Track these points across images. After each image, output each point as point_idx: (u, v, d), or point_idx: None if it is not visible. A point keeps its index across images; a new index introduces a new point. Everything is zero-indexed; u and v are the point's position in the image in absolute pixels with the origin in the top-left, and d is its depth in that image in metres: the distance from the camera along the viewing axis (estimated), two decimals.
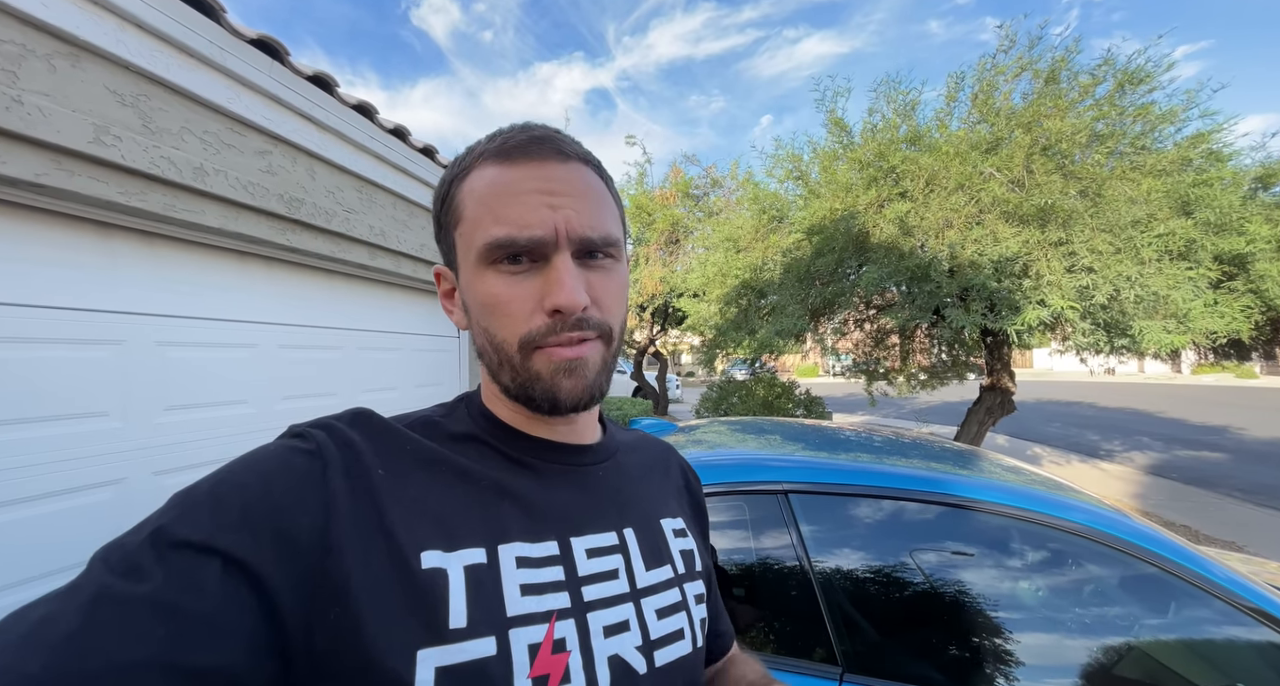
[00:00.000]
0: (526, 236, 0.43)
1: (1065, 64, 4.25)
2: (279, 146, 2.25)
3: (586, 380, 0.45)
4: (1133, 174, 3.69)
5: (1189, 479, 6.81)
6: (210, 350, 2.08)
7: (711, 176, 9.86)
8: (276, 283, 2.39)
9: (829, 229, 4.40)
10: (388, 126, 2.78)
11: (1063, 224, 3.49)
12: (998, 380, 5.29)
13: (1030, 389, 19.88)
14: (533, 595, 0.41)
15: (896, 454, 1.57)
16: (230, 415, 2.13)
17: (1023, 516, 1.24)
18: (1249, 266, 3.78)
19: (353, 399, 2.75)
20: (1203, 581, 1.18)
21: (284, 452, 0.40)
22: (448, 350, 3.68)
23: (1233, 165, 4.29)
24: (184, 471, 1.96)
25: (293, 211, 2.27)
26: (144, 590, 0.31)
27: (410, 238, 3.05)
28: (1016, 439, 9.68)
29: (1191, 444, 9.15)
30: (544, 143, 0.46)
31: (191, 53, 1.86)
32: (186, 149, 1.88)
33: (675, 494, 0.62)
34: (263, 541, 0.35)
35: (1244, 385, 21.74)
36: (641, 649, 0.45)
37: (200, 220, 1.93)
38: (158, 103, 1.80)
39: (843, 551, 1.26)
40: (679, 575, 0.52)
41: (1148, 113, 4.08)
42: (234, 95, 2.03)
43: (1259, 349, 5.03)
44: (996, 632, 1.20)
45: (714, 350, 6.53)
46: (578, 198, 0.45)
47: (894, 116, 4.53)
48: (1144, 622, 1.22)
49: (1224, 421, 11.52)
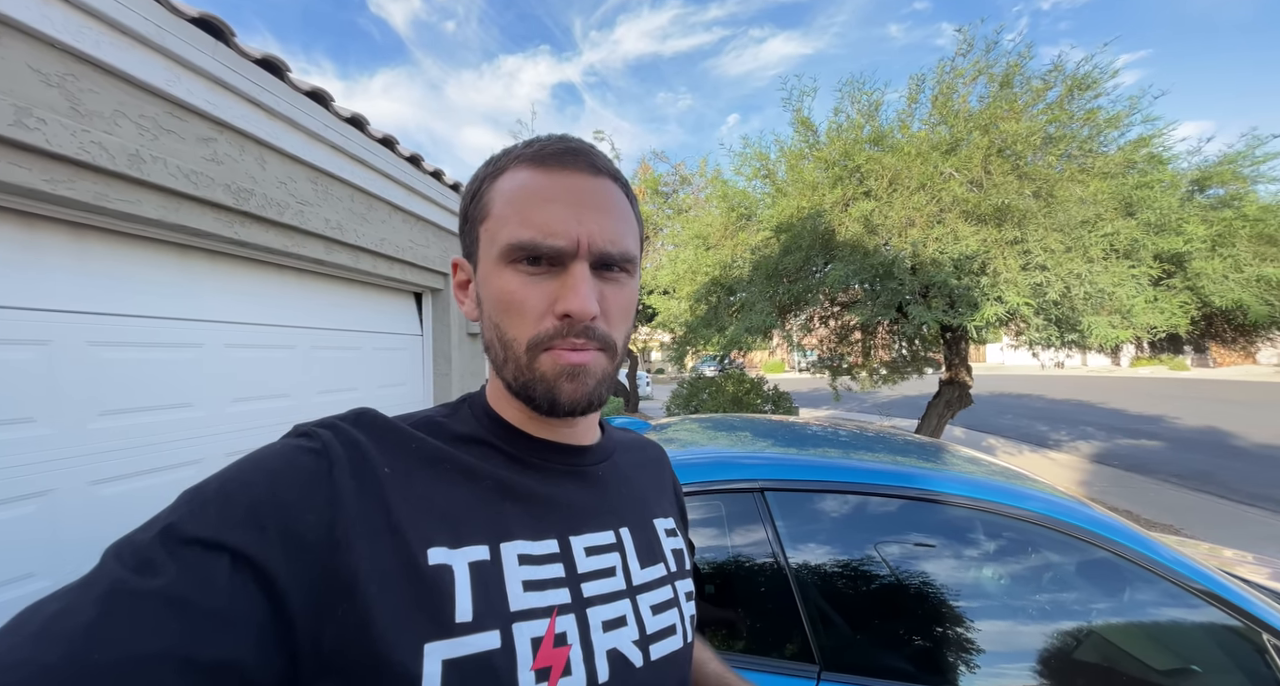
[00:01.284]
0: (549, 243, 0.45)
1: (1018, 69, 4.41)
2: (225, 133, 2.12)
3: (587, 387, 0.46)
4: (1081, 176, 3.85)
5: (1129, 466, 7.21)
6: (149, 350, 1.94)
7: (680, 174, 9.88)
8: (223, 278, 2.26)
9: (796, 227, 4.45)
10: (344, 115, 2.65)
11: (1018, 223, 3.63)
12: (956, 374, 5.47)
13: (984, 382, 20.68)
14: (535, 591, 0.42)
15: (865, 449, 1.59)
16: (174, 419, 2.00)
17: (987, 507, 1.27)
18: (1186, 265, 4.01)
19: (308, 400, 2.62)
20: (1153, 564, 1.23)
21: (290, 451, 0.41)
22: (410, 349, 3.56)
23: (1171, 168, 4.55)
24: (123, 480, 1.83)
25: (241, 203, 2.14)
26: (157, 585, 0.32)
27: (369, 232, 2.93)
28: (972, 431, 10.06)
29: (1131, 433, 9.70)
30: (578, 155, 0.48)
31: (125, 30, 1.73)
32: (121, 134, 1.74)
33: (665, 494, 0.64)
34: (270, 538, 0.35)
35: (1177, 377, 23.20)
36: (638, 643, 0.47)
37: (137, 211, 1.79)
38: (87, 83, 1.67)
39: (819, 548, 1.26)
40: (671, 573, 0.54)
41: (1094, 117, 4.28)
42: (174, 77, 1.89)
43: (1192, 342, 5.34)
44: (969, 623, 1.22)
45: (684, 347, 6.55)
46: (603, 212, 0.47)
47: (858, 116, 4.61)
48: (1100, 607, 1.26)
49: (1159, 411, 12.26)
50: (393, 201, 3.14)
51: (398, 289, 3.49)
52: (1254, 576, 1.71)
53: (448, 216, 3.73)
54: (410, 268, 3.36)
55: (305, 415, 2.53)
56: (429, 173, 3.39)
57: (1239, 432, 9.29)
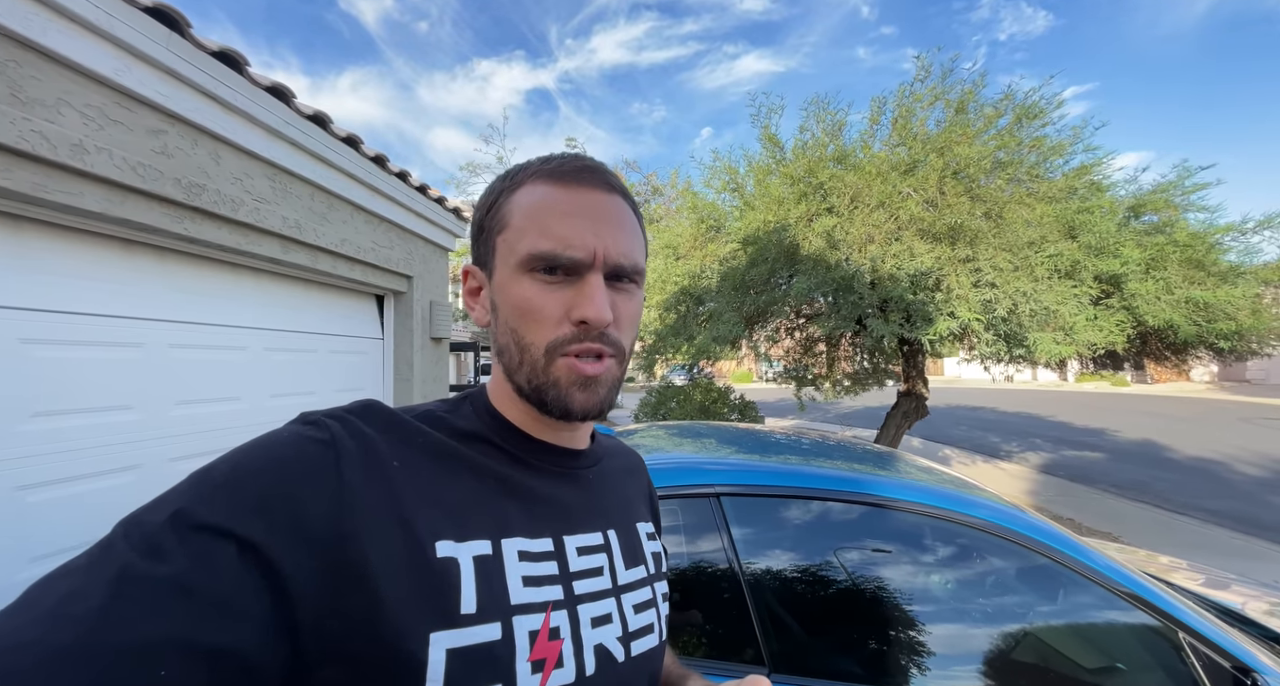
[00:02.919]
0: (569, 255, 0.47)
1: (973, 96, 4.64)
2: (177, 125, 2.05)
3: (599, 395, 0.49)
4: (1029, 199, 4.06)
5: (1074, 476, 7.56)
6: (86, 349, 1.85)
7: (652, 184, 9.99)
8: (170, 276, 2.17)
9: (762, 240, 4.55)
10: (306, 112, 2.59)
11: (970, 242, 3.80)
12: (913, 386, 5.65)
13: (941, 395, 21.42)
14: (532, 586, 0.45)
15: (822, 456, 1.63)
16: (112, 422, 1.90)
17: (935, 514, 1.31)
18: (1123, 286, 4.25)
19: (261, 403, 2.53)
20: (1086, 570, 1.29)
21: (299, 441, 0.42)
22: (370, 352, 3.48)
23: (1110, 195, 4.84)
24: (53, 486, 1.73)
25: (192, 198, 2.07)
26: (165, 571, 0.32)
27: (330, 232, 2.86)
28: (929, 441, 10.38)
29: (1076, 445, 10.18)
30: (594, 173, 0.51)
31: (73, 17, 1.66)
32: (63, 123, 1.66)
33: (644, 500, 0.67)
34: (278, 528, 0.36)
35: (1118, 392, 24.50)
36: (621, 639, 0.49)
37: (78, 203, 1.71)
38: (30, 70, 1.59)
39: (771, 552, 1.28)
40: (650, 575, 0.57)
41: (1041, 144, 4.53)
42: (123, 67, 1.82)
43: (1130, 360, 5.66)
44: (914, 626, 1.26)
45: (653, 355, 6.57)
46: (617, 227, 0.50)
47: (823, 135, 4.76)
48: (1037, 609, 1.32)
49: (1102, 424, 12.90)
50: (355, 201, 3.08)
51: (358, 291, 3.41)
52: (1187, 582, 1.82)
53: (413, 218, 3.67)
54: (372, 270, 3.29)
55: (258, 418, 2.45)
56: (394, 173, 3.34)
57: (1172, 446, 9.86)
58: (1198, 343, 4.59)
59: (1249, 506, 6.00)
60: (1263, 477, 7.39)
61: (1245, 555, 4.53)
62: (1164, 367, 6.21)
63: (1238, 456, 8.73)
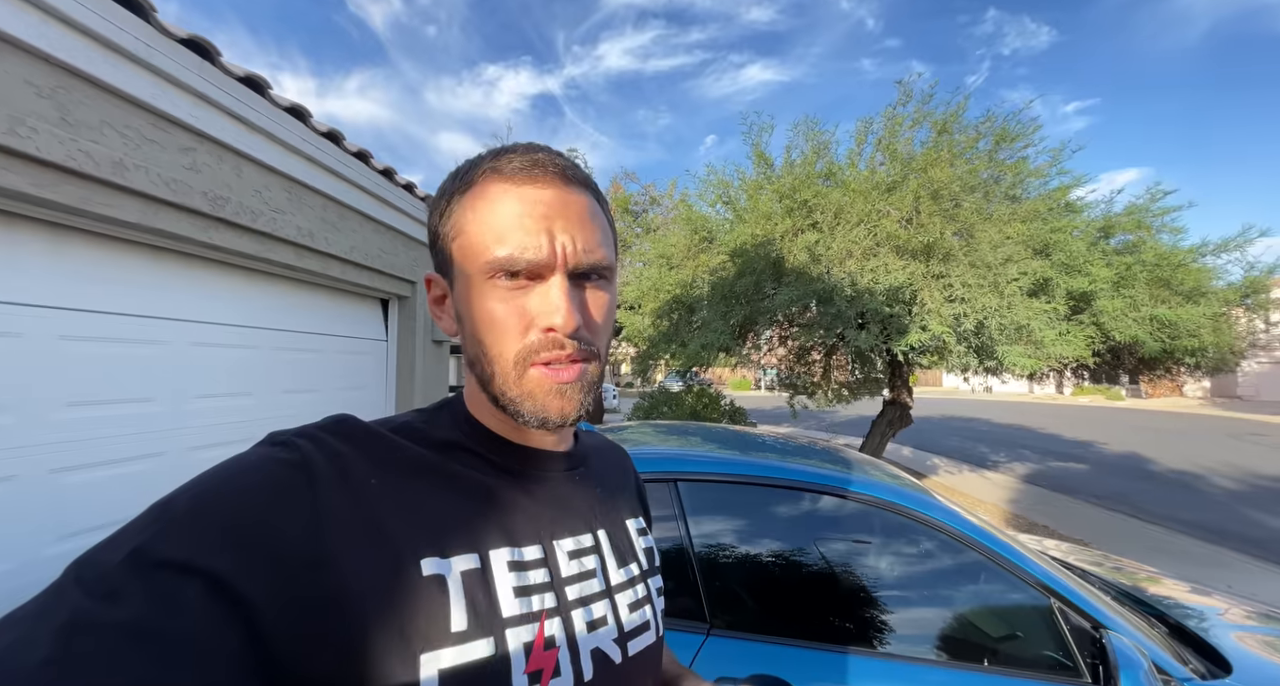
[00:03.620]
0: (527, 258, 0.45)
1: (956, 118, 4.87)
2: (205, 143, 2.25)
3: (576, 400, 0.47)
4: (1003, 220, 4.27)
5: (1056, 486, 7.73)
6: (116, 345, 2.04)
7: (650, 194, 10.20)
8: (193, 280, 2.36)
9: (750, 252, 4.76)
10: (321, 129, 2.80)
11: (943, 259, 4.00)
12: (898, 395, 5.84)
13: (936, 406, 21.59)
14: (523, 596, 0.44)
15: (774, 451, 1.82)
16: (137, 413, 2.09)
17: (858, 498, 1.51)
18: (1093, 302, 4.45)
19: (270, 399, 2.72)
20: (1004, 562, 1.47)
21: (267, 464, 0.40)
22: (374, 353, 3.67)
23: (1085, 216, 5.05)
24: (83, 470, 1.91)
25: (216, 209, 2.27)
26: (121, 615, 0.30)
27: (340, 240, 3.06)
28: (919, 450, 10.55)
29: (1062, 456, 10.35)
30: (549, 167, 0.47)
31: (116, 48, 1.86)
32: (106, 143, 1.86)
33: (632, 495, 0.67)
34: (246, 558, 0.34)
35: (1112, 406, 24.71)
36: (617, 641, 0.49)
37: (116, 214, 1.91)
38: (78, 95, 1.79)
39: (717, 529, 1.49)
40: (643, 571, 0.57)
41: (1022, 167, 4.75)
42: (159, 92, 2.02)
43: (1105, 371, 5.85)
44: (838, 593, 1.45)
45: (647, 361, 6.77)
46: (577, 224, 0.47)
47: (810, 152, 4.98)
48: (959, 591, 1.51)
49: (1091, 437, 13.07)
50: (364, 211, 3.28)
51: (365, 295, 3.60)
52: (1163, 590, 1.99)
53: (418, 227, 3.88)
54: (378, 275, 3.49)
55: (268, 413, 2.65)
56: (401, 185, 3.54)
57: (1156, 458, 10.04)
58: (1165, 358, 4.78)
59: (1220, 517, 6.18)
60: (1239, 491, 7.57)
61: (1210, 563, 4.70)
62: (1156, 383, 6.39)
63: (1218, 470, 8.91)
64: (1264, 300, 5.14)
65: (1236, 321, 5.36)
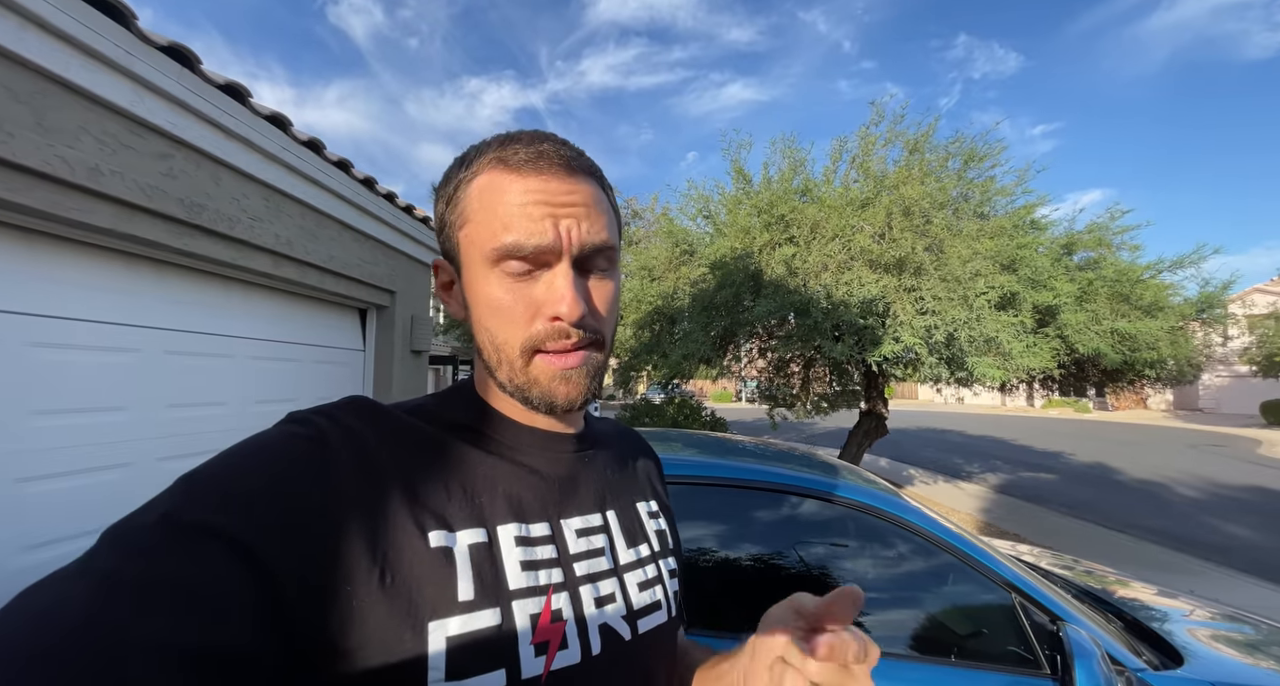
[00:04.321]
0: (533, 245, 0.46)
1: (927, 139, 5.05)
2: (182, 150, 2.24)
3: (582, 385, 0.48)
4: (972, 236, 4.43)
5: (1026, 496, 7.92)
6: (87, 353, 2.00)
7: (633, 208, 10.32)
8: (168, 287, 2.33)
9: (730, 265, 4.85)
10: (302, 138, 2.80)
11: (914, 273, 4.14)
12: (873, 406, 5.95)
13: (912, 418, 21.95)
14: (530, 570, 0.45)
15: (744, 454, 1.87)
16: (107, 422, 2.04)
17: (820, 496, 1.56)
18: (1057, 315, 4.63)
19: (243, 409, 2.67)
20: (976, 563, 1.52)
21: (285, 439, 0.42)
22: (351, 364, 3.63)
23: (1049, 233, 5.26)
24: (49, 480, 1.86)
25: (193, 216, 2.25)
26: (154, 571, 0.32)
27: (319, 248, 3.04)
28: (896, 461, 10.71)
29: (1033, 467, 10.61)
30: (554, 156, 0.48)
31: (95, 54, 1.86)
32: (82, 148, 1.85)
33: (647, 480, 0.68)
34: (266, 525, 0.36)
35: (1080, 418, 25.42)
36: (626, 618, 0.50)
37: (91, 220, 1.89)
38: (55, 100, 1.78)
39: (682, 526, 1.52)
40: (654, 552, 0.58)
41: (990, 186, 4.95)
42: (138, 98, 2.02)
43: (1071, 383, 6.05)
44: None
45: (629, 372, 6.79)
46: (582, 212, 0.47)
47: (788, 169, 5.12)
48: (929, 590, 1.55)
49: (1060, 448, 13.42)
50: (344, 220, 3.27)
51: (343, 304, 3.57)
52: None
53: (398, 236, 3.87)
54: (357, 284, 3.47)
55: (241, 423, 2.60)
56: (382, 195, 3.54)
57: (1122, 469, 10.35)
58: (1126, 369, 4.97)
59: (1183, 526, 6.39)
60: (1201, 500, 7.84)
61: (1175, 570, 4.85)
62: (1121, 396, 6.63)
63: (1181, 480, 9.22)
64: (1220, 315, 5.39)
65: (1194, 335, 5.61)
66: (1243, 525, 6.45)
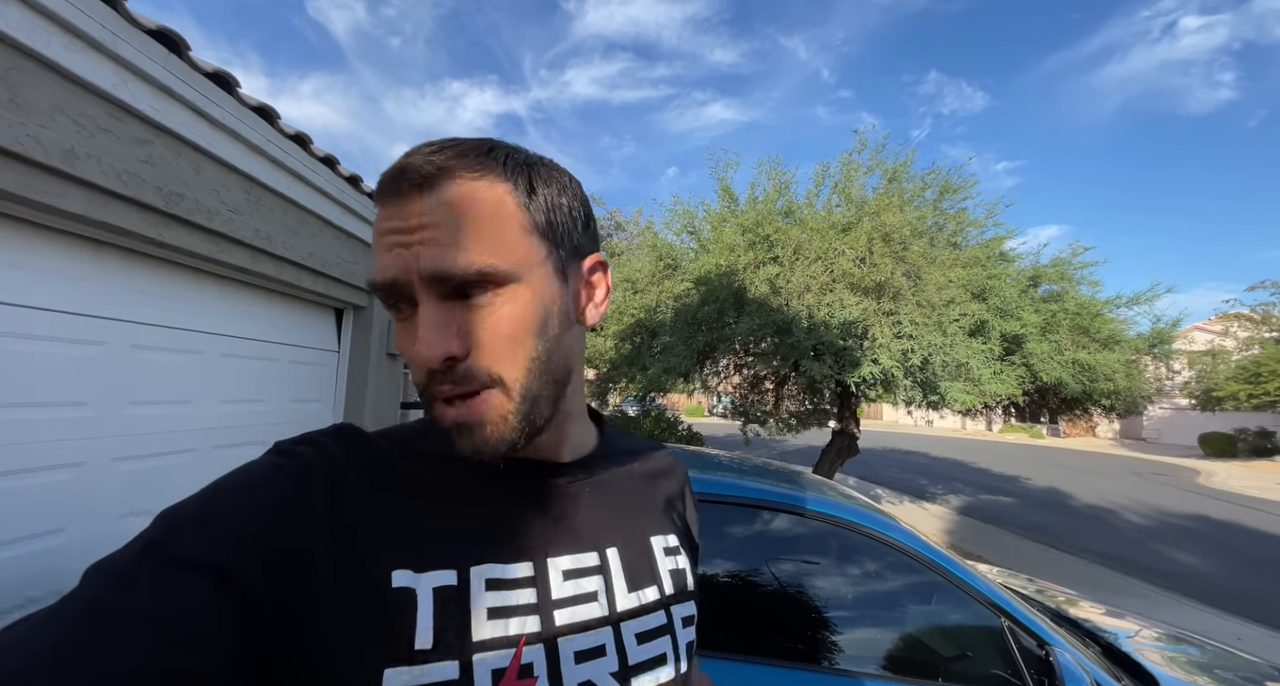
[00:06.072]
0: (380, 281, 0.42)
1: (905, 168, 5.24)
2: (163, 137, 2.14)
3: (483, 437, 0.42)
4: (946, 264, 4.59)
5: (987, 518, 8.15)
6: (48, 344, 1.88)
7: (616, 220, 10.36)
8: (135, 278, 2.22)
9: (714, 281, 4.89)
10: (289, 132, 2.72)
11: (893, 297, 4.26)
12: (845, 426, 6.06)
13: (879, 439, 22.43)
14: (500, 618, 0.41)
15: (721, 468, 1.87)
16: (66, 417, 1.91)
17: (815, 516, 1.57)
18: (1023, 344, 4.81)
19: (210, 408, 2.55)
20: (961, 583, 1.54)
21: (267, 470, 0.41)
22: (325, 365, 3.51)
23: (1017, 265, 5.50)
24: (6, 477, 1.73)
25: (170, 206, 2.15)
26: (135, 602, 0.32)
27: (299, 245, 2.95)
28: (864, 481, 10.90)
29: (992, 490, 10.94)
30: (406, 174, 0.41)
31: (79, 33, 1.77)
32: (57, 129, 1.75)
33: (668, 509, 0.60)
34: (247, 557, 0.35)
35: (1034, 443, 26.44)
36: (617, 675, 0.45)
37: (62, 205, 1.79)
38: (30, 77, 1.69)
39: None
40: (665, 597, 0.52)
41: (963, 217, 5.14)
42: (121, 82, 1.93)
43: (1030, 411, 6.28)
44: (792, 612, 1.48)
45: (607, 383, 6.75)
46: (432, 232, 0.40)
47: (772, 190, 5.23)
48: (912, 610, 1.57)
49: (1016, 472, 13.89)
50: (326, 217, 3.18)
51: (319, 303, 3.46)
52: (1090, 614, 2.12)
53: None
54: (335, 283, 3.37)
55: (206, 423, 2.48)
56: (367, 194, 3.46)
57: (1073, 494, 10.77)
58: (1085, 398, 5.20)
59: (1129, 550, 6.67)
60: (1145, 526, 8.20)
61: (1122, 592, 5.04)
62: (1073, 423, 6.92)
63: (1128, 506, 9.64)
64: (1168, 350, 5.70)
65: (1146, 368, 5.91)
66: (1186, 552, 6.76)
